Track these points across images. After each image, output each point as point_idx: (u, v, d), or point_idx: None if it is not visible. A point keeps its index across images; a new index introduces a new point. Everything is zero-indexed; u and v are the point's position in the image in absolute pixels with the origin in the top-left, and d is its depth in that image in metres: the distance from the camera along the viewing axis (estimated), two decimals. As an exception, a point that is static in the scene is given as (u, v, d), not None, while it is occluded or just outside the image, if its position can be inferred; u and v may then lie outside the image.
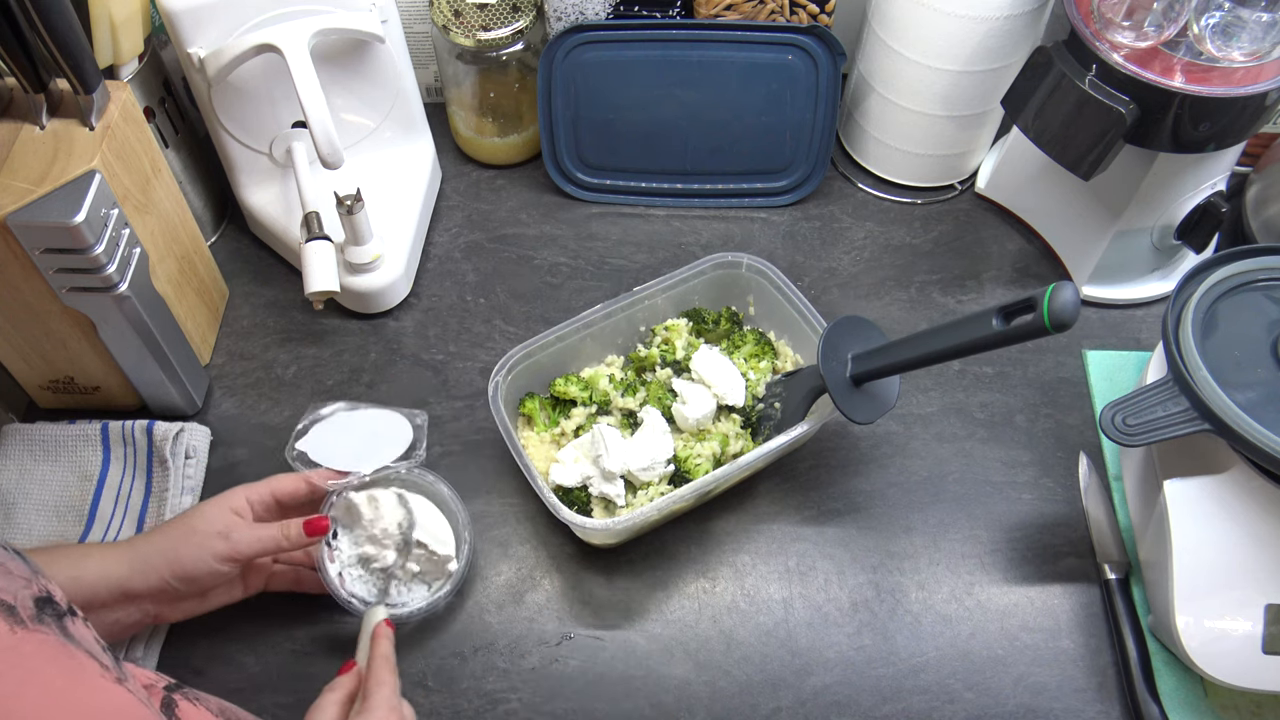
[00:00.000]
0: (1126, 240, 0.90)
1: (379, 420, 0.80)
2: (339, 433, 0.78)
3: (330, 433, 0.78)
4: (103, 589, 0.65)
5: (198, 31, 0.82)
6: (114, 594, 0.66)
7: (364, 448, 0.77)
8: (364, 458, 0.76)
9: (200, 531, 0.67)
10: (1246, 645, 0.67)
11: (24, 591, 0.42)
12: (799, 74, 0.94)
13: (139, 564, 0.66)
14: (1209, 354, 0.69)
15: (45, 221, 0.69)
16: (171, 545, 0.67)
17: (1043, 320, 0.62)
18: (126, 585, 0.66)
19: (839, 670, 0.75)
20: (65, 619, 0.44)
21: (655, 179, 1.01)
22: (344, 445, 0.77)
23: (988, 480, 0.84)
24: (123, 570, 0.66)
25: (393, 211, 0.95)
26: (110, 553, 0.67)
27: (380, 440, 0.78)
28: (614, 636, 0.76)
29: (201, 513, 0.69)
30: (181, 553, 0.67)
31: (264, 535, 0.69)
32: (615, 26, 0.93)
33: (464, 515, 0.77)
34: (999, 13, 0.86)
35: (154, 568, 0.66)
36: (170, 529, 0.68)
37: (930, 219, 1.02)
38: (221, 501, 0.70)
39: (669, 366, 0.85)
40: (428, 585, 0.76)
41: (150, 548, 0.67)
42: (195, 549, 0.67)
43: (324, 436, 0.78)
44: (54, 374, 0.83)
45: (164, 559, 0.66)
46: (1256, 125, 0.80)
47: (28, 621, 0.41)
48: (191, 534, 0.67)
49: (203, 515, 0.69)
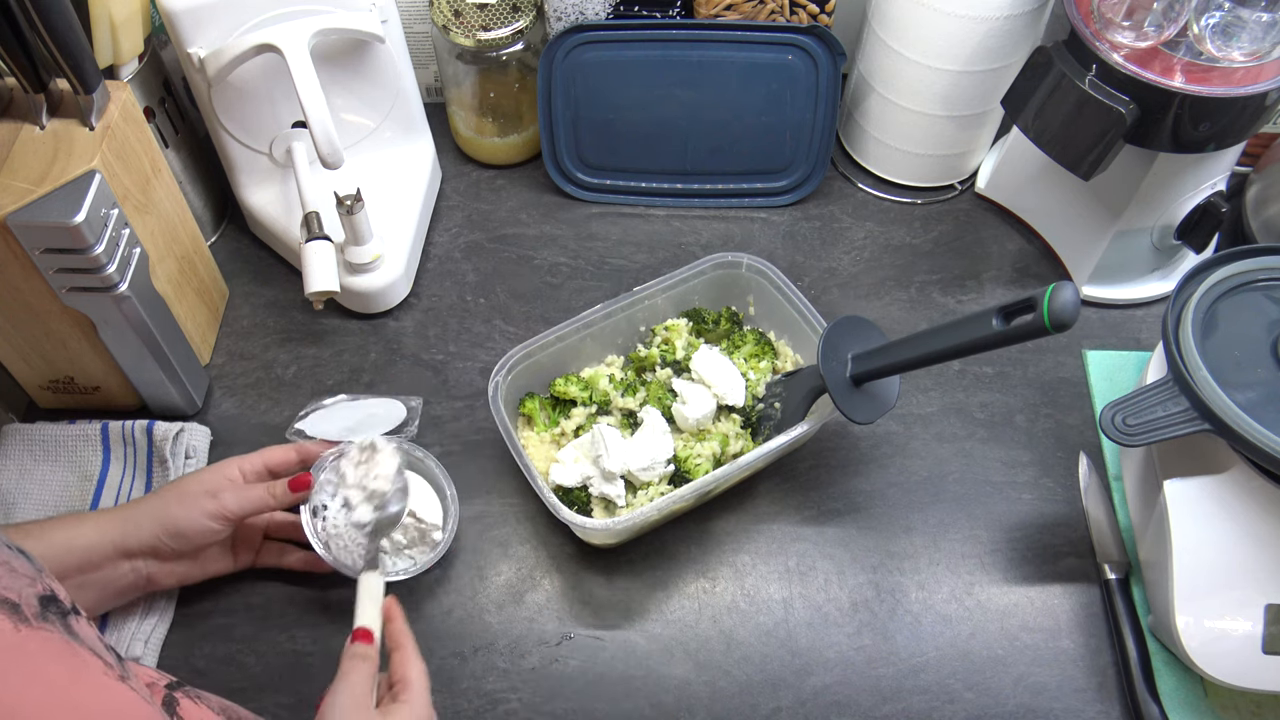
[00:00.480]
0: (1126, 240, 0.90)
1: (376, 405, 0.84)
2: (337, 416, 0.83)
3: (329, 416, 0.83)
4: (97, 551, 0.68)
5: (198, 31, 0.82)
6: (109, 553, 0.69)
7: (358, 425, 0.82)
8: (356, 432, 0.80)
9: (191, 493, 0.71)
10: (1246, 645, 0.67)
11: (28, 590, 0.42)
12: (799, 74, 0.94)
13: (132, 524, 0.69)
14: (1209, 354, 0.69)
15: (45, 221, 0.69)
16: (164, 504, 0.70)
17: (1043, 320, 0.62)
18: (120, 543, 0.69)
19: (839, 670, 0.75)
20: (69, 617, 0.44)
21: (655, 179, 1.01)
22: (339, 423, 0.82)
23: (988, 480, 0.84)
24: (116, 530, 0.69)
25: (393, 211, 0.95)
26: (104, 516, 0.70)
27: (375, 420, 0.83)
28: (614, 636, 0.76)
29: (195, 476, 0.72)
30: (173, 510, 0.70)
31: (252, 495, 0.71)
32: (615, 26, 0.93)
33: (451, 489, 0.79)
34: (999, 13, 0.86)
35: (146, 526, 0.69)
36: (164, 491, 0.72)
37: (930, 219, 1.02)
38: (215, 468, 0.73)
39: (669, 366, 0.85)
40: (413, 559, 0.77)
41: (143, 507, 0.70)
42: (186, 508, 0.70)
43: (322, 418, 0.83)
44: (54, 374, 0.83)
45: (156, 518, 0.70)
46: (1256, 125, 0.80)
47: (32, 619, 0.41)
48: (183, 495, 0.71)
49: (196, 478, 0.72)
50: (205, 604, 0.77)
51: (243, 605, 0.77)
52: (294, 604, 0.77)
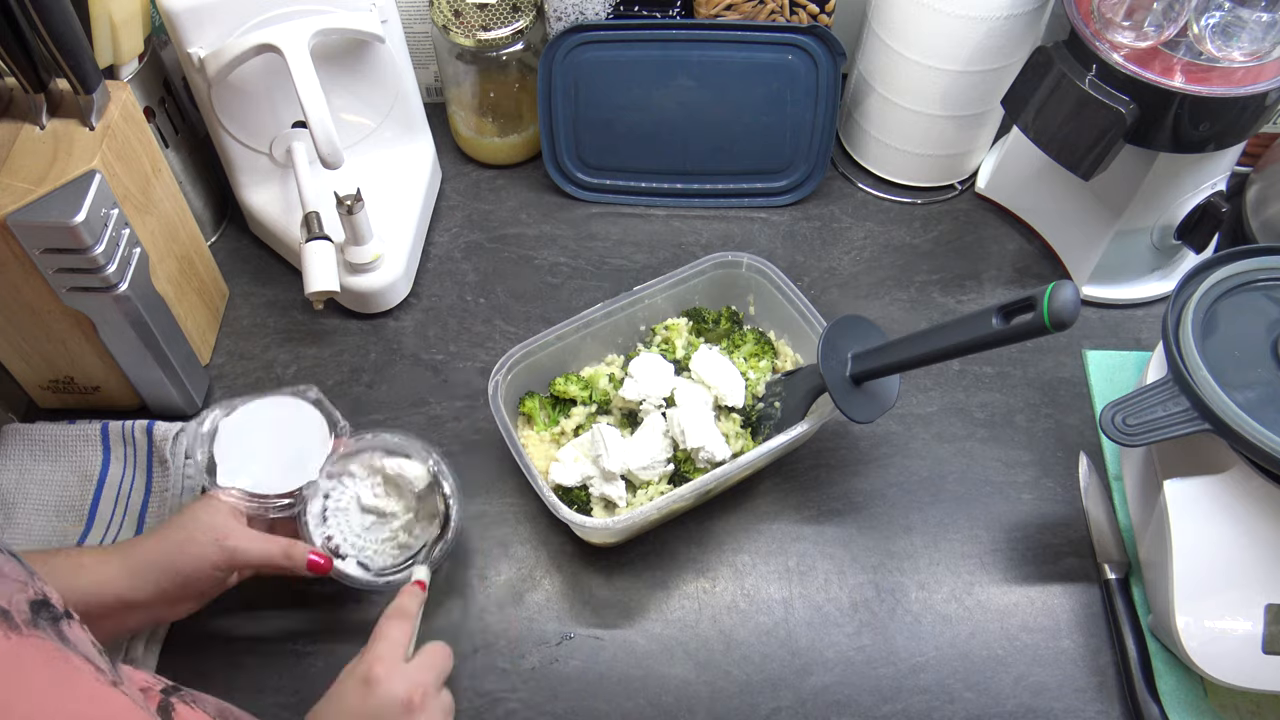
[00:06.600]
0: (1126, 240, 0.90)
1: (274, 406, 0.77)
2: (251, 449, 0.75)
3: (241, 448, 0.74)
4: (96, 602, 0.64)
5: (198, 31, 0.82)
6: (112, 605, 0.65)
7: (275, 451, 0.75)
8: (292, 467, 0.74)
9: (198, 541, 0.67)
10: (1246, 645, 0.67)
11: (19, 595, 0.42)
12: (799, 74, 0.94)
13: (137, 575, 0.66)
14: (1209, 354, 0.69)
15: (45, 221, 0.69)
16: (167, 555, 0.67)
17: (1042, 319, 0.62)
18: (125, 596, 0.65)
19: (839, 670, 0.75)
20: (61, 622, 0.43)
21: (655, 179, 1.01)
22: (252, 452, 0.74)
23: (988, 480, 0.84)
24: (120, 582, 0.65)
25: (393, 211, 0.95)
26: (105, 563, 0.66)
27: (289, 433, 0.76)
28: (614, 636, 0.76)
29: (195, 517, 0.68)
30: (179, 563, 0.66)
31: (268, 551, 0.69)
32: (615, 26, 0.93)
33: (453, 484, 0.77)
34: (999, 13, 0.86)
35: (151, 579, 0.66)
36: (166, 536, 0.68)
37: (930, 219, 1.02)
38: (216, 504, 0.70)
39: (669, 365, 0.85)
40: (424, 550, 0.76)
41: (146, 557, 0.67)
42: (193, 560, 0.67)
43: (238, 456, 0.74)
44: (54, 374, 0.83)
45: (160, 570, 0.66)
46: (1256, 125, 0.80)
47: (22, 626, 0.41)
48: (188, 543, 0.67)
49: (197, 521, 0.68)
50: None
51: (243, 605, 0.77)
52: (294, 604, 0.77)
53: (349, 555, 0.75)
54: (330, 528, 0.75)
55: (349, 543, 0.75)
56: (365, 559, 0.75)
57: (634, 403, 0.82)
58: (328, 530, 0.75)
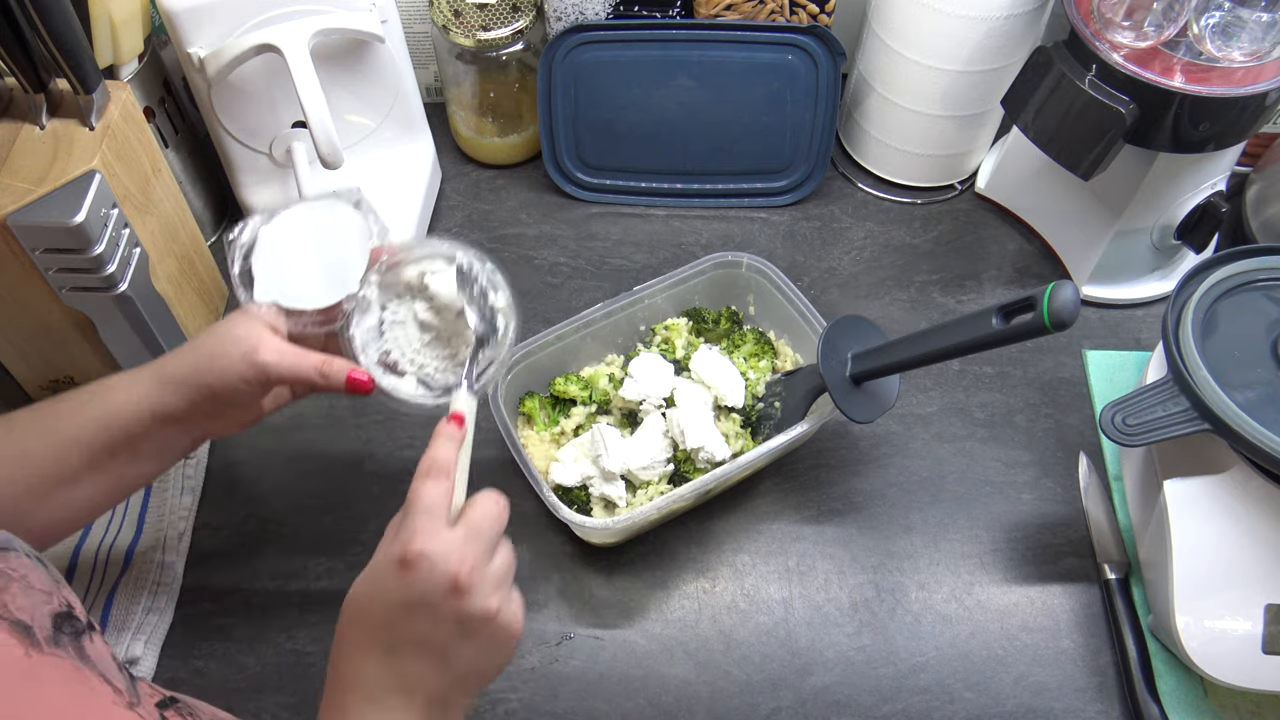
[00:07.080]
0: (1126, 240, 0.90)
1: (316, 211, 0.71)
2: (283, 237, 0.69)
3: (279, 260, 0.69)
4: (137, 422, 0.62)
5: (198, 31, 0.82)
6: (149, 421, 0.62)
7: (312, 248, 0.69)
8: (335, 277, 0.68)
9: (227, 354, 0.62)
10: (1246, 645, 0.67)
11: (43, 608, 0.42)
12: (799, 74, 0.94)
13: (168, 388, 0.62)
14: (1209, 354, 0.69)
15: (45, 221, 0.69)
16: (196, 368, 0.62)
17: (1042, 319, 0.62)
18: (159, 410, 0.62)
19: (839, 670, 0.75)
20: (83, 637, 0.43)
21: (655, 179, 1.01)
22: (291, 249, 0.69)
23: (988, 480, 0.84)
24: (153, 396, 0.62)
25: (393, 212, 0.95)
26: (137, 380, 0.63)
27: (327, 235, 0.70)
28: (614, 636, 0.76)
29: (229, 330, 0.63)
30: (206, 376, 0.62)
31: (299, 365, 0.63)
32: (615, 26, 0.93)
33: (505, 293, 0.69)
34: (999, 13, 0.86)
35: (184, 392, 0.62)
36: (197, 347, 0.63)
37: (930, 219, 1.02)
38: (250, 317, 0.64)
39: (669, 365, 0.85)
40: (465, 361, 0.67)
41: (177, 371, 0.63)
42: (220, 373, 0.62)
43: (269, 243, 0.69)
44: (54, 374, 0.83)
45: (190, 384, 0.62)
46: (1256, 125, 0.80)
47: (43, 644, 0.40)
48: (217, 355, 0.62)
49: (230, 333, 0.63)
50: (205, 604, 0.77)
51: (243, 605, 0.77)
52: (294, 604, 0.77)
53: (408, 372, 0.68)
54: (388, 341, 0.68)
55: (407, 358, 0.68)
56: (425, 376, 0.68)
57: (634, 403, 0.82)
58: (385, 345, 0.68)
